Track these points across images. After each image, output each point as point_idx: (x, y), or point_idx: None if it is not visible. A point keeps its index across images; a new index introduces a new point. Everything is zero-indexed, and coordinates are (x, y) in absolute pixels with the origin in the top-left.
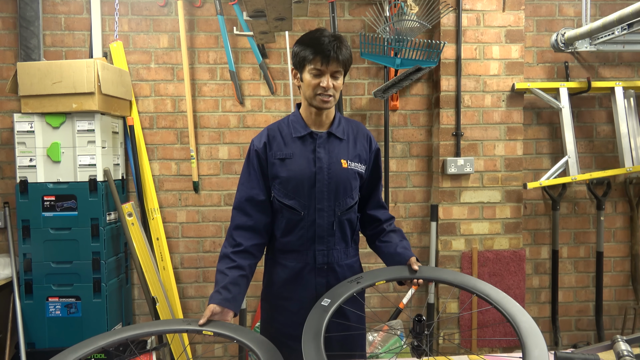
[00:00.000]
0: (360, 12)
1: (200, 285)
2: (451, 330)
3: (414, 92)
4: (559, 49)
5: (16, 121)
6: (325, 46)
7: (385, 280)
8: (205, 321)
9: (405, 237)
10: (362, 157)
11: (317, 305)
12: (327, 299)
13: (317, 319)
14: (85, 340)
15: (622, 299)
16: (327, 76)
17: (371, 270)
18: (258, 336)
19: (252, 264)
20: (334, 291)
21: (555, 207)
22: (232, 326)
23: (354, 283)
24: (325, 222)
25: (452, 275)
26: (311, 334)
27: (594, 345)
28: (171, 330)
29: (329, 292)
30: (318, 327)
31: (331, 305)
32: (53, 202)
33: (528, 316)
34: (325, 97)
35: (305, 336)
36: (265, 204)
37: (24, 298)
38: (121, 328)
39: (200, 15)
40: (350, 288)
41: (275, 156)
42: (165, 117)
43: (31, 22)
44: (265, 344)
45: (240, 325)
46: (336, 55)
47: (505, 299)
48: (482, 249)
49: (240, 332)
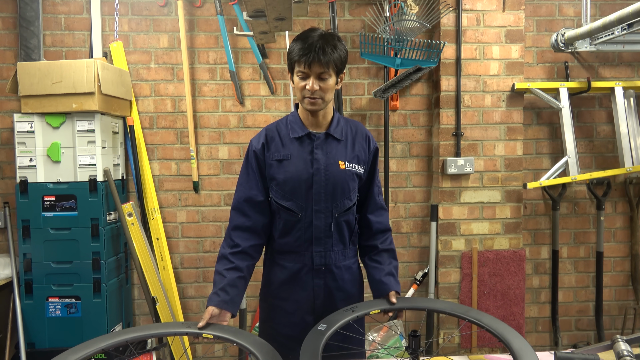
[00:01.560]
0: (360, 12)
1: (200, 285)
2: (451, 330)
3: (414, 92)
4: (559, 49)
5: (16, 121)
6: (308, 48)
7: (379, 309)
8: (205, 324)
9: (395, 257)
10: (360, 158)
11: (314, 330)
12: (323, 324)
13: (313, 341)
14: (85, 342)
15: (622, 299)
16: (312, 79)
17: (366, 302)
18: (257, 339)
19: (250, 265)
20: (331, 319)
21: (555, 207)
22: (232, 329)
23: (348, 311)
24: (322, 224)
25: (442, 305)
26: (308, 355)
27: (594, 345)
28: (171, 333)
29: (326, 319)
30: (315, 349)
31: (327, 330)
32: (53, 202)
33: (521, 337)
34: (311, 99)
35: (303, 358)
36: (263, 204)
37: (24, 298)
38: (121, 330)
39: (200, 15)
40: (346, 315)
41: (272, 157)
42: (165, 117)
43: (31, 22)
44: (265, 346)
45: (239, 328)
46: (318, 57)
47: (498, 323)
48: (482, 249)
49: (239, 335)
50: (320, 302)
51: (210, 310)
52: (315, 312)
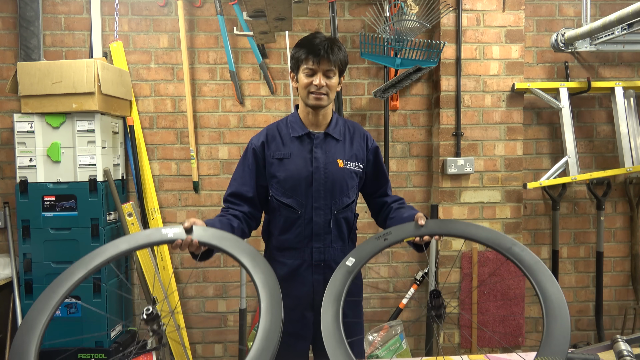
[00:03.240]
0: (360, 12)
1: (200, 285)
2: (451, 330)
3: (414, 92)
4: (559, 49)
5: (16, 121)
6: (317, 46)
7: (413, 236)
8: (190, 225)
9: (414, 209)
10: (358, 156)
11: (341, 266)
12: (351, 258)
13: (340, 280)
14: (75, 264)
15: (622, 299)
16: (320, 74)
17: (399, 226)
18: (247, 246)
19: (239, 221)
20: (360, 248)
21: (555, 207)
22: (219, 235)
23: (381, 240)
24: (322, 220)
25: (483, 233)
26: (331, 298)
27: (594, 345)
28: (156, 242)
29: (354, 250)
30: (339, 290)
31: (356, 266)
32: (53, 202)
33: (557, 287)
34: (318, 94)
35: (326, 299)
36: (253, 201)
37: (24, 298)
38: (101, 247)
39: (200, 15)
40: (378, 245)
41: (273, 156)
42: (165, 117)
43: (31, 22)
44: (255, 255)
45: (228, 233)
46: (327, 55)
47: (538, 265)
48: (482, 249)
49: (227, 241)
50: (320, 298)
51: (193, 219)
52: (315, 308)
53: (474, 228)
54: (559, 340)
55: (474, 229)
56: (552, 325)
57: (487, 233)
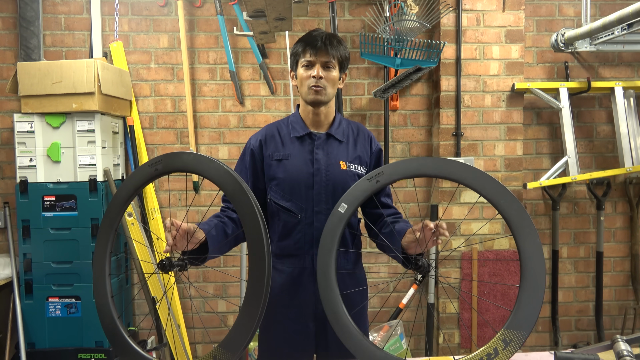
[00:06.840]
0: (360, 12)
1: (200, 285)
2: (451, 330)
3: (414, 92)
4: (559, 49)
5: (16, 121)
6: (314, 38)
7: (405, 177)
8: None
9: (409, 223)
10: (362, 158)
11: (334, 212)
12: (344, 204)
13: (332, 229)
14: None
15: (622, 299)
16: (318, 66)
17: (393, 163)
18: (221, 167)
19: (235, 225)
20: (351, 193)
21: (555, 207)
22: (191, 155)
23: (373, 181)
24: (323, 225)
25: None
26: (326, 249)
27: (594, 345)
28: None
29: (346, 194)
30: (332, 239)
31: (348, 212)
32: (53, 202)
33: (540, 252)
34: (316, 87)
35: (321, 250)
36: None
37: (24, 298)
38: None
39: (200, 15)
40: (369, 187)
41: (272, 157)
42: (165, 117)
43: (31, 22)
44: (228, 175)
45: (206, 156)
46: (324, 46)
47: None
48: (482, 249)
49: (203, 164)
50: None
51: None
52: (317, 318)
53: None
54: (528, 311)
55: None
56: (524, 294)
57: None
